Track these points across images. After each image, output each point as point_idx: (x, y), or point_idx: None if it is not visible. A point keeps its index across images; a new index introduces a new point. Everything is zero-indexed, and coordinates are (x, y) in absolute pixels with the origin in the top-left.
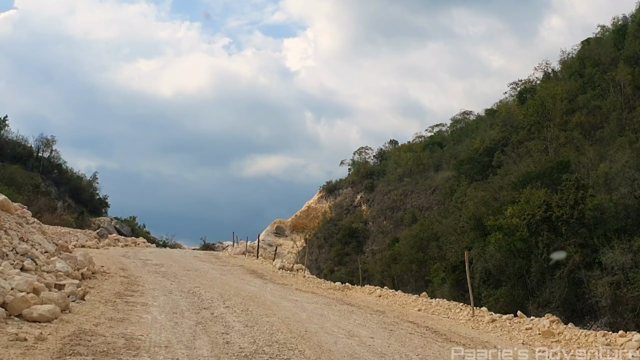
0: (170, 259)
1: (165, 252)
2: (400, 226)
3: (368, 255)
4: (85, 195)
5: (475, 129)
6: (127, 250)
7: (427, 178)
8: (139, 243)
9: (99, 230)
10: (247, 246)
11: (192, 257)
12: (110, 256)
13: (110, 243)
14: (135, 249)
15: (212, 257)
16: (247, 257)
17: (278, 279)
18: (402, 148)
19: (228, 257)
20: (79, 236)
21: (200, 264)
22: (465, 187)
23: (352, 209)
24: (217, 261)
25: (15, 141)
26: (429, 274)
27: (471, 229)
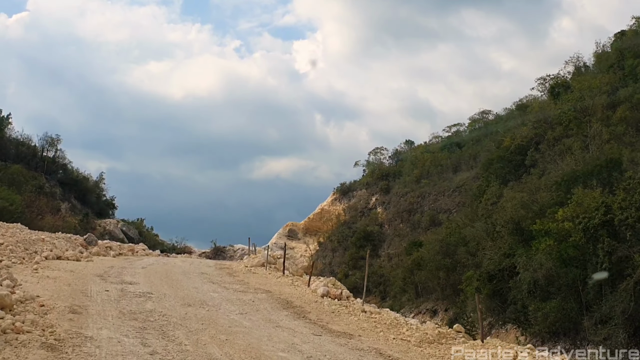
0: (167, 279)
1: (165, 265)
2: (418, 229)
3: (384, 260)
4: (91, 197)
5: (495, 128)
6: (115, 262)
7: (446, 179)
8: (137, 251)
9: (87, 236)
10: (267, 255)
11: (199, 276)
12: (81, 275)
13: (100, 252)
14: (129, 259)
15: (225, 274)
16: (268, 270)
17: (330, 320)
18: (419, 148)
19: (245, 272)
20: (56, 244)
21: (208, 289)
22: (495, 188)
23: (366, 212)
24: (233, 282)
25: (19, 140)
26: (459, 282)
27: (508, 233)
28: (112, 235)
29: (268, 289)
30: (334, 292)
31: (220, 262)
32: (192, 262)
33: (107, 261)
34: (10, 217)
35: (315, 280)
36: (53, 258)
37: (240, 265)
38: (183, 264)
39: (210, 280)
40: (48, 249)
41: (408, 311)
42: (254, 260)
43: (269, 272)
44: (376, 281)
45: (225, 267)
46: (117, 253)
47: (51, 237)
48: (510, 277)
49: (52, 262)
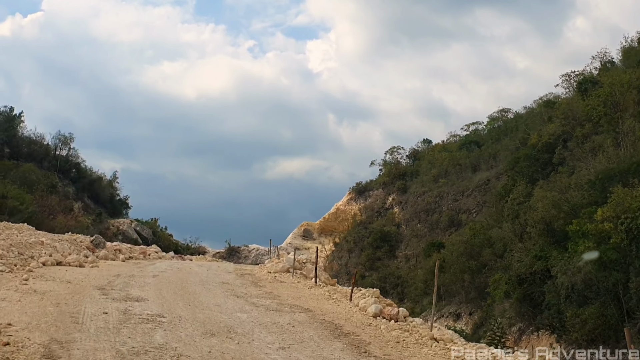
0: (183, 292)
1: (179, 271)
2: (436, 230)
3: (401, 260)
4: (104, 196)
5: (515, 126)
6: (123, 269)
7: (465, 179)
8: (149, 253)
9: (94, 238)
10: (294, 260)
11: (220, 287)
12: (78, 288)
13: (108, 255)
14: (140, 264)
15: (249, 284)
16: (295, 277)
17: (399, 356)
18: (436, 147)
19: (271, 280)
20: (58, 247)
21: (233, 306)
22: (522, 187)
23: (383, 212)
24: (261, 295)
25: (31, 138)
26: (485, 286)
27: (539, 234)
28: (126, 236)
29: (305, 305)
30: (389, 311)
31: (241, 267)
32: (209, 267)
33: (115, 267)
34: (21, 217)
35: (356, 292)
36: (52, 264)
37: (263, 270)
38: (200, 270)
39: (234, 292)
40: (47, 253)
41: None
42: (278, 265)
43: (297, 279)
44: (393, 282)
45: (247, 274)
46: (127, 257)
47: (53, 239)
48: (543, 280)
49: (50, 269)
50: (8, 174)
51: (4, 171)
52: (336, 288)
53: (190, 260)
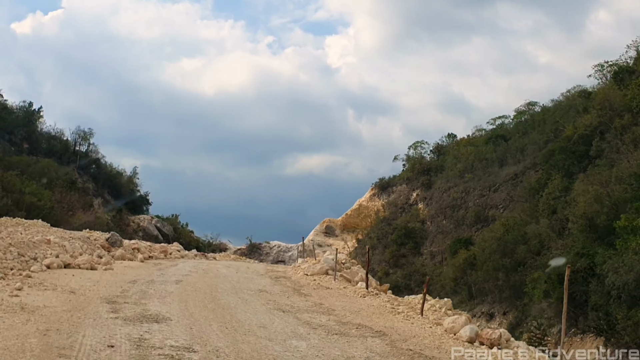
0: (214, 305)
1: (205, 274)
2: (462, 226)
3: (426, 257)
4: (124, 192)
5: (542, 120)
6: (141, 272)
7: (491, 174)
8: (171, 252)
9: (109, 236)
10: (332, 261)
11: (257, 296)
12: (82, 301)
13: (125, 255)
14: (160, 264)
15: (291, 292)
16: (338, 281)
17: None
18: (462, 142)
19: (314, 285)
20: (67, 246)
21: (283, 328)
22: (558, 181)
23: (407, 208)
24: (312, 309)
25: (51, 134)
26: (520, 284)
27: (580, 230)
28: (146, 232)
29: (372, 324)
30: (488, 335)
31: (272, 268)
32: (237, 267)
33: (132, 269)
34: (38, 213)
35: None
36: (58, 266)
37: (298, 272)
38: (228, 272)
39: (277, 305)
40: (53, 253)
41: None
42: (316, 266)
43: (341, 284)
44: (418, 280)
45: (281, 276)
46: (147, 256)
47: (62, 237)
48: (586, 279)
49: (54, 273)
50: (27, 169)
51: (23, 167)
52: (386, 294)
53: (215, 259)
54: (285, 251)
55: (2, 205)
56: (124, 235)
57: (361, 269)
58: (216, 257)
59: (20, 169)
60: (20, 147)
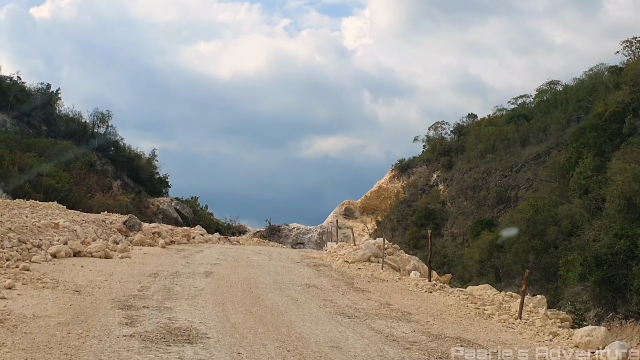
0: (261, 310)
1: (237, 263)
2: (484, 207)
3: (447, 239)
4: (144, 174)
5: (565, 99)
6: (163, 260)
7: (513, 154)
8: (194, 236)
9: (127, 218)
10: (374, 246)
11: (306, 292)
12: (86, 305)
13: (144, 240)
14: (184, 251)
15: (344, 286)
16: (386, 270)
17: None
18: (482, 122)
19: (368, 277)
20: (78, 231)
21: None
22: (590, 160)
23: (427, 189)
24: (382, 312)
25: (69, 116)
26: (551, 266)
27: (617, 211)
28: (166, 215)
29: (474, 337)
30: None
31: (306, 254)
32: (268, 254)
33: (152, 257)
34: (56, 195)
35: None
36: (66, 255)
37: (337, 259)
38: (260, 259)
39: (337, 307)
40: (61, 240)
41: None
42: (357, 253)
43: (393, 274)
44: (439, 262)
45: (321, 264)
46: (168, 241)
47: (74, 220)
48: (625, 262)
49: (61, 263)
50: (45, 151)
51: (41, 149)
52: (464, 291)
53: (239, 243)
54: (304, 233)
55: (19, 187)
56: (143, 218)
57: (413, 257)
58: (240, 240)
59: (38, 150)
60: (38, 129)
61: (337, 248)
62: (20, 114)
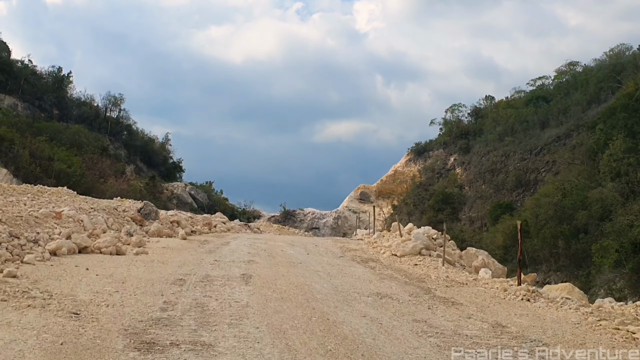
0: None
1: (274, 261)
2: (502, 191)
3: (465, 223)
4: (157, 159)
5: (585, 80)
6: (187, 257)
7: (532, 136)
8: (215, 224)
9: (142, 205)
10: (424, 237)
11: (384, 308)
12: (89, 341)
13: (162, 230)
14: (208, 243)
15: (423, 295)
16: (449, 267)
17: None
18: (501, 104)
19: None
20: (85, 221)
21: None
22: (621, 141)
23: (444, 173)
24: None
25: (81, 100)
26: (582, 252)
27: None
28: (180, 200)
29: None
30: None
31: (342, 244)
32: (303, 245)
33: (173, 253)
34: (68, 180)
35: None
36: (69, 252)
37: (382, 252)
38: (297, 253)
39: (440, 335)
40: (64, 233)
41: None
42: (407, 245)
43: (464, 274)
44: (457, 246)
45: (368, 258)
46: (189, 231)
47: (81, 208)
48: None
49: (61, 263)
50: (57, 135)
51: (53, 133)
52: (572, 298)
53: (259, 230)
54: (319, 218)
55: (30, 172)
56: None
57: (481, 251)
58: (260, 227)
59: (50, 135)
60: (50, 113)
61: (377, 238)
62: (31, 97)
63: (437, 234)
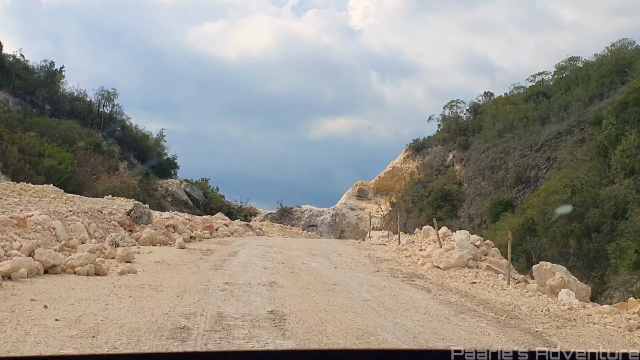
0: None
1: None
2: (502, 187)
3: (464, 221)
4: (151, 155)
5: (586, 75)
6: (189, 275)
7: (533, 132)
8: (217, 227)
9: (133, 207)
10: (470, 244)
11: None
12: None
13: (155, 237)
14: (211, 255)
15: (514, 331)
16: (517, 286)
17: None
18: (500, 100)
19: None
20: (59, 228)
21: None
22: (634, 137)
23: (443, 169)
24: None
25: (74, 95)
26: (595, 252)
27: None
28: (175, 197)
29: None
30: None
31: (368, 252)
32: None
33: (168, 270)
34: (59, 177)
35: None
36: (31, 273)
37: (421, 262)
38: (321, 266)
39: None
40: (26, 247)
41: None
42: (452, 255)
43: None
44: None
45: (411, 273)
46: (187, 237)
47: (55, 211)
48: None
49: (15, 290)
50: (48, 131)
51: (44, 128)
52: None
53: (261, 231)
54: (317, 215)
55: (19, 169)
56: (151, 201)
57: (558, 267)
58: (262, 227)
59: (41, 130)
60: (42, 109)
61: (407, 244)
62: (23, 92)
63: (480, 240)
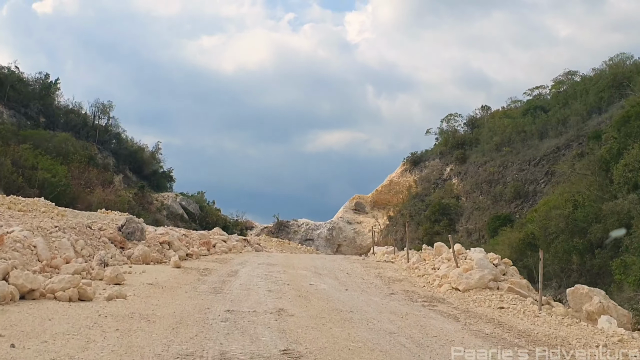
0: None
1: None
2: (500, 202)
3: (462, 235)
4: (147, 168)
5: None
6: (186, 303)
7: (531, 147)
8: (214, 243)
9: (124, 223)
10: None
11: None
12: None
13: (148, 255)
14: (208, 274)
15: None
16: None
17: None
18: (497, 114)
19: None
20: (40, 246)
21: None
22: (637, 151)
23: (440, 183)
24: None
25: (69, 107)
26: (598, 268)
27: None
28: (171, 211)
29: None
30: None
31: (376, 268)
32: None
33: (162, 296)
34: (52, 190)
35: None
36: (3, 300)
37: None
38: (331, 289)
39: None
40: (0, 268)
41: None
42: (472, 276)
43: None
44: None
45: (432, 298)
46: (183, 254)
47: (39, 227)
48: None
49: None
50: (42, 144)
51: (38, 141)
52: None
53: (260, 247)
54: (313, 229)
55: (12, 181)
56: (146, 215)
57: (596, 291)
58: (260, 242)
59: (35, 143)
60: (36, 121)
61: (417, 262)
62: (17, 104)
63: (498, 258)
